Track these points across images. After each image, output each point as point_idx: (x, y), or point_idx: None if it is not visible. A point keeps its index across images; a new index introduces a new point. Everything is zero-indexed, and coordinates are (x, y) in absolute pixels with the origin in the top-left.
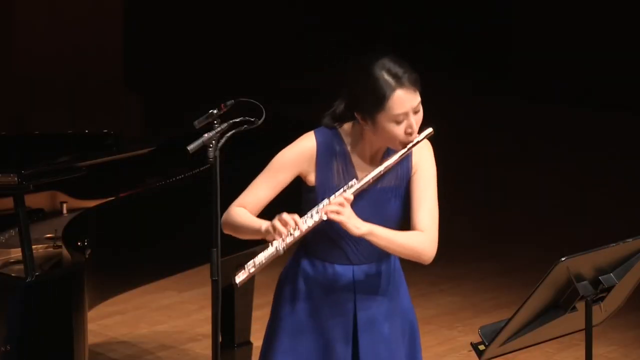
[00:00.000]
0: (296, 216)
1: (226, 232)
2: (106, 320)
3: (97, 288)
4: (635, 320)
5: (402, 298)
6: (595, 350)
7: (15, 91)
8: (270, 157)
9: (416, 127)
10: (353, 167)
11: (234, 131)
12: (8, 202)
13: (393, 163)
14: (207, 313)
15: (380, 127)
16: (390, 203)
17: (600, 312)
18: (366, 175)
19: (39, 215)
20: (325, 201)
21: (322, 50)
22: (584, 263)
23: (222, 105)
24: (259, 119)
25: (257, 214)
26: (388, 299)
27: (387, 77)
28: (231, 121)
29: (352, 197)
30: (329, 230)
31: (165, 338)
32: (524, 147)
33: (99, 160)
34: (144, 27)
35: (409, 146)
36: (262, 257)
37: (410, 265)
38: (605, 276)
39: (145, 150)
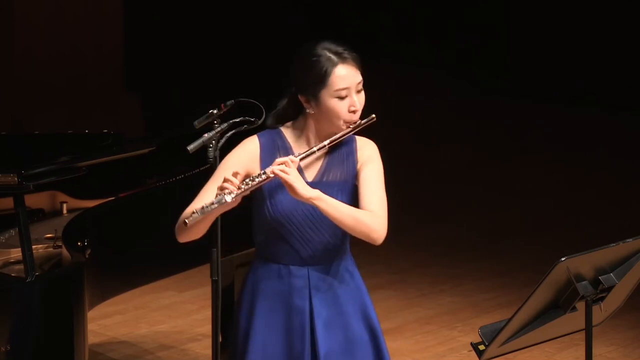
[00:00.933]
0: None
1: (181, 239)
2: (106, 320)
3: (97, 288)
4: (635, 320)
5: (360, 297)
6: (595, 350)
7: (15, 91)
8: None
9: (359, 105)
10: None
11: (234, 131)
12: (8, 202)
13: (338, 138)
14: (207, 313)
15: (324, 106)
16: (337, 198)
17: (600, 312)
18: (315, 167)
19: (39, 215)
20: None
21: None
22: (584, 263)
23: (222, 105)
24: (259, 119)
25: None
26: (343, 298)
27: (328, 54)
28: (231, 121)
29: (297, 160)
30: (281, 230)
31: (165, 338)
32: (523, 147)
33: (99, 160)
34: (143, 27)
35: (353, 126)
36: (210, 202)
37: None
38: (605, 276)
39: (145, 150)
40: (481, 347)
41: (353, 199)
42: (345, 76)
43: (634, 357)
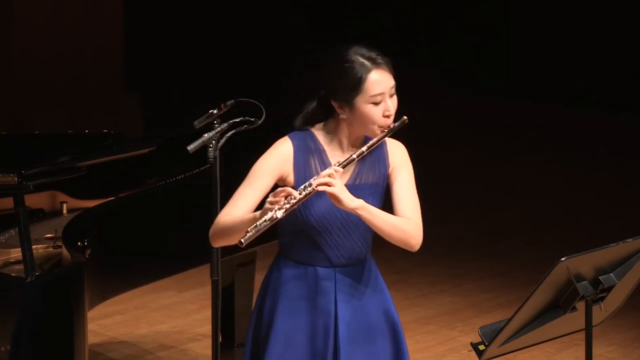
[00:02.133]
0: (289, 189)
1: (216, 244)
2: (106, 320)
3: (97, 288)
4: (635, 320)
5: (383, 299)
6: (595, 350)
7: (15, 91)
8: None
9: (393, 110)
10: (330, 163)
11: (234, 131)
12: (8, 202)
13: (375, 143)
14: (207, 313)
15: (358, 112)
16: (368, 201)
17: (600, 312)
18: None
19: (39, 215)
20: (314, 177)
21: (322, 50)
22: (584, 263)
23: (222, 105)
24: (259, 119)
25: None
26: (368, 301)
27: (362, 59)
28: (231, 121)
29: (341, 170)
30: (311, 232)
31: (165, 338)
32: (523, 147)
33: (99, 160)
34: (143, 27)
35: (387, 131)
36: (263, 220)
37: (410, 265)
38: (605, 276)
39: (145, 150)
40: (481, 347)
41: (383, 201)
42: (380, 81)
43: (634, 357)
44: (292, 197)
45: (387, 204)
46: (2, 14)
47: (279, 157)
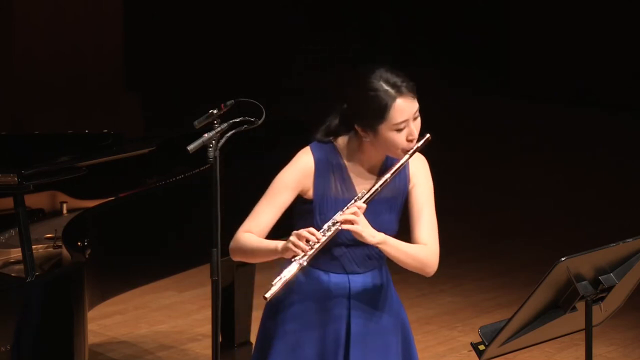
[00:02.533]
0: (312, 229)
1: (236, 259)
2: (106, 320)
3: (97, 288)
4: (635, 320)
5: (394, 305)
6: (595, 350)
7: (15, 91)
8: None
9: (416, 134)
10: (350, 179)
11: (234, 131)
12: (8, 202)
13: (398, 168)
14: (207, 313)
15: (382, 138)
16: (386, 215)
17: (600, 312)
18: (368, 185)
19: (39, 215)
20: (339, 213)
21: (322, 50)
22: (584, 263)
23: (222, 105)
24: (259, 119)
25: (264, 237)
26: (381, 308)
27: (386, 87)
28: (231, 121)
29: (365, 206)
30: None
31: (165, 338)
32: (523, 147)
33: (99, 160)
34: (143, 27)
35: (410, 152)
36: (287, 274)
37: None
38: (605, 276)
39: (145, 150)
40: (481, 347)
41: (402, 215)
42: (404, 110)
43: (634, 357)
44: (316, 239)
45: (404, 219)
46: (2, 14)
47: (301, 172)
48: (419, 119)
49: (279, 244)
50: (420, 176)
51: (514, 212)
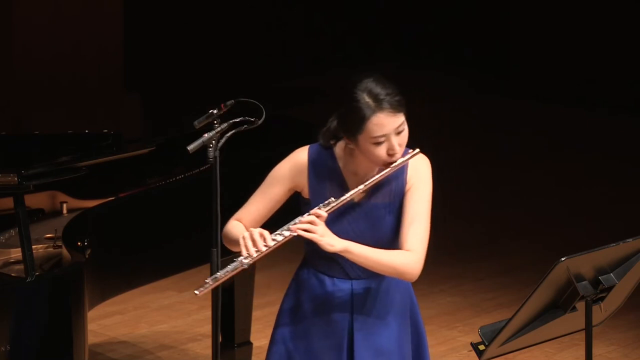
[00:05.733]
0: (266, 233)
1: (226, 246)
2: (106, 320)
3: (97, 288)
4: (635, 320)
5: (401, 310)
6: (595, 350)
7: (15, 91)
8: None
9: (398, 148)
10: (346, 184)
11: (234, 131)
12: (8, 202)
13: (373, 182)
14: (207, 313)
15: (362, 148)
16: (385, 219)
17: (600, 312)
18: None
19: (39, 215)
20: (297, 219)
21: (322, 51)
22: (584, 263)
23: (222, 105)
24: (259, 119)
25: (254, 227)
26: (385, 314)
27: (367, 99)
28: (231, 121)
29: (325, 215)
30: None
31: (165, 338)
32: (523, 147)
33: (99, 160)
34: (144, 27)
35: (391, 166)
36: (225, 270)
37: None
38: (605, 276)
39: (145, 150)
40: (481, 347)
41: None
42: (382, 125)
43: (634, 357)
44: (264, 244)
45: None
46: (2, 14)
47: (293, 168)
48: (404, 133)
49: (246, 233)
50: (417, 178)
51: (514, 212)
